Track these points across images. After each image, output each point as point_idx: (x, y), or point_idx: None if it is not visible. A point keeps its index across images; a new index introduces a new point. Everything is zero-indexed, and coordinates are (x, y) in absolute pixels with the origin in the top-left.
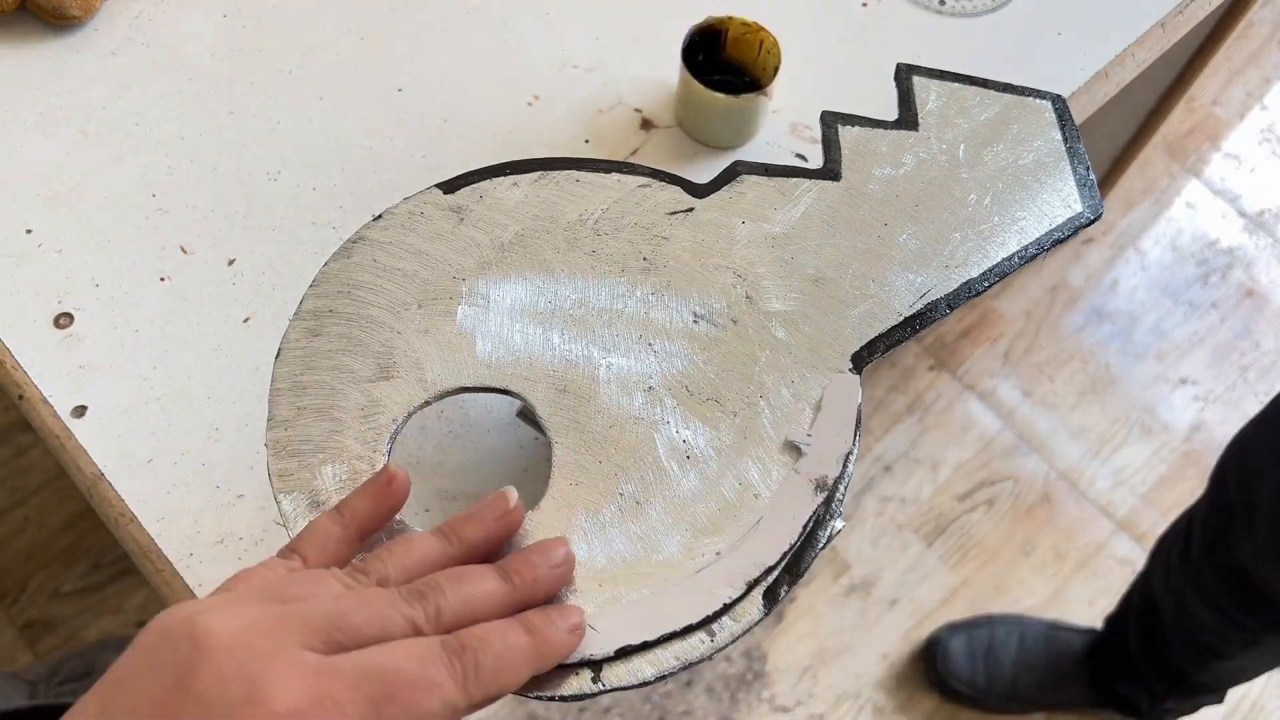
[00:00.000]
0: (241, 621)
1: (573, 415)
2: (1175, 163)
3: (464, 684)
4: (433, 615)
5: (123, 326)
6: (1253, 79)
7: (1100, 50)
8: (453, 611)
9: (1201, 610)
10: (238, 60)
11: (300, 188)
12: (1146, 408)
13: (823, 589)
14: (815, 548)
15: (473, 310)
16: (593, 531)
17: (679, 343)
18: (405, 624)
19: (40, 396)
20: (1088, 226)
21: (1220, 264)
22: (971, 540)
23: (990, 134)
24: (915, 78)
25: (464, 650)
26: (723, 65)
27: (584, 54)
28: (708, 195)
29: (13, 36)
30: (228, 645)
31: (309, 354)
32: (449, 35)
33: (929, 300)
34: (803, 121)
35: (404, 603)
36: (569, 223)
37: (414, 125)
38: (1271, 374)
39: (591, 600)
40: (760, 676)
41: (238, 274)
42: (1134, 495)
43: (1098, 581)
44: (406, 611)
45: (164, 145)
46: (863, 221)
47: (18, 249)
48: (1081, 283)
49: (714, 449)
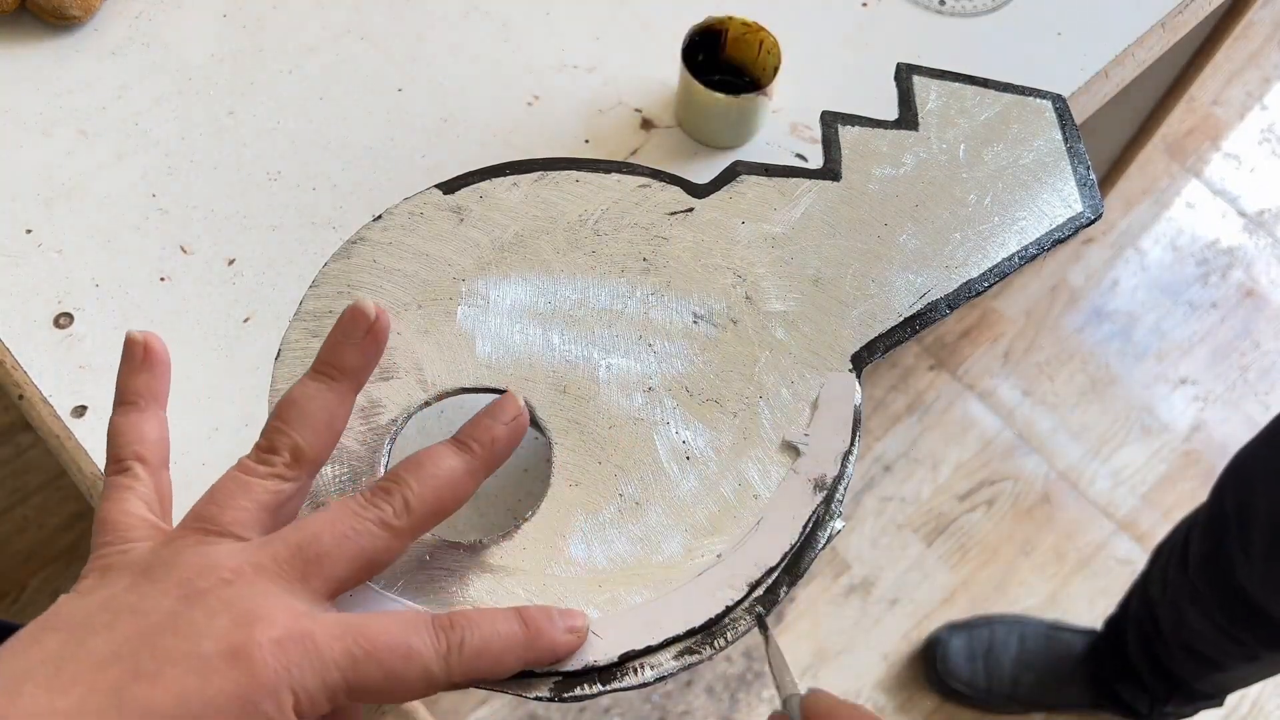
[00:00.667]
0: (226, 564)
1: (573, 416)
2: (1175, 163)
3: (445, 658)
4: (401, 508)
5: (123, 326)
6: (1253, 79)
7: (1100, 50)
8: (419, 496)
9: (1200, 623)
10: (238, 60)
11: (300, 188)
12: (1146, 408)
13: (823, 589)
14: (815, 548)
15: (472, 311)
16: (592, 532)
17: (679, 343)
18: (375, 526)
19: (40, 396)
20: (1088, 226)
21: (1220, 264)
22: (971, 540)
23: (990, 134)
24: (915, 77)
25: (452, 627)
26: (723, 65)
27: (584, 54)
28: (708, 195)
29: (13, 36)
30: (217, 588)
31: (309, 354)
32: (449, 35)
33: (929, 300)
34: (803, 121)
35: (369, 507)
36: (569, 223)
37: (414, 125)
38: (1271, 374)
39: (591, 601)
40: (760, 676)
41: (238, 274)
42: (1134, 495)
43: (1098, 582)
44: (373, 514)
45: (164, 145)
46: (863, 221)
47: (18, 249)
48: (1081, 283)
49: (714, 450)
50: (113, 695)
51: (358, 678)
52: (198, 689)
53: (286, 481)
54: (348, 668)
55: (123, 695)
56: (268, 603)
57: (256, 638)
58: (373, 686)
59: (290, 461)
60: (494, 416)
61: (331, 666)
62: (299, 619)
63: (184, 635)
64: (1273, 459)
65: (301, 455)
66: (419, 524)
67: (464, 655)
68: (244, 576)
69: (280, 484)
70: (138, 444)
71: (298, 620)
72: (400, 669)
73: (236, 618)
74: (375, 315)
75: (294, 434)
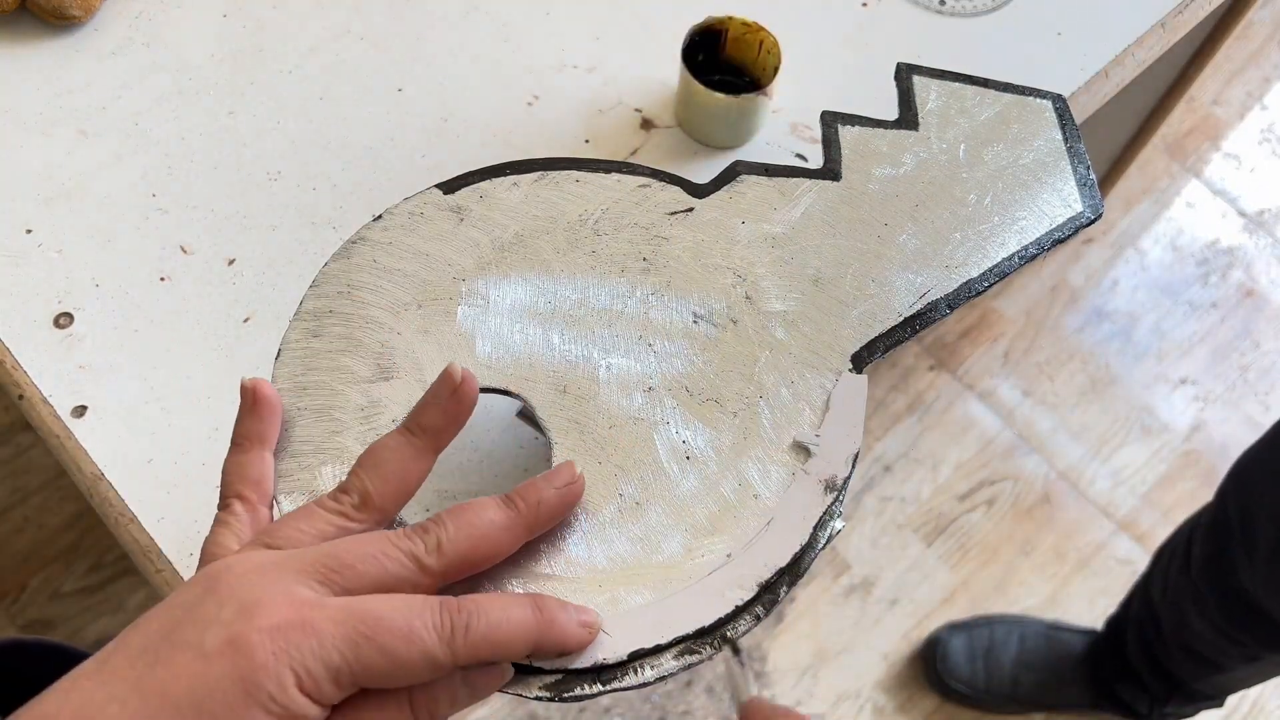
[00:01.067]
0: (250, 564)
1: (573, 415)
2: (1175, 163)
3: (449, 641)
4: (434, 547)
5: (123, 326)
6: (1253, 79)
7: (1100, 50)
8: (453, 541)
9: (1200, 624)
10: (238, 60)
11: (300, 188)
12: (1146, 408)
13: (823, 589)
14: (815, 548)
15: (473, 310)
16: (592, 532)
17: (679, 343)
18: (404, 558)
19: (40, 396)
20: (1088, 226)
21: (1220, 264)
22: (971, 540)
23: (990, 134)
24: (915, 77)
25: (459, 611)
26: (723, 65)
27: (584, 54)
28: (708, 195)
29: (13, 36)
30: (230, 582)
31: (309, 354)
32: (449, 35)
33: (929, 300)
34: (803, 121)
35: (404, 539)
36: (569, 223)
37: (414, 125)
38: (1271, 374)
39: (591, 601)
40: (760, 676)
41: (238, 274)
42: (1134, 495)
43: (1098, 581)
44: (405, 546)
45: (164, 145)
46: (863, 221)
47: (18, 249)
48: (1081, 283)
49: (714, 449)
50: (137, 683)
51: (359, 659)
52: (202, 674)
53: (351, 521)
54: (348, 649)
55: (144, 682)
56: (273, 591)
57: (255, 624)
58: (377, 669)
59: (358, 504)
60: (548, 480)
61: (331, 649)
62: (301, 607)
63: (196, 624)
64: (1275, 462)
65: (369, 500)
66: (449, 568)
67: (470, 638)
68: (260, 571)
69: (344, 521)
70: (239, 484)
71: (299, 608)
72: (402, 651)
73: (240, 607)
74: (461, 379)
75: (366, 480)
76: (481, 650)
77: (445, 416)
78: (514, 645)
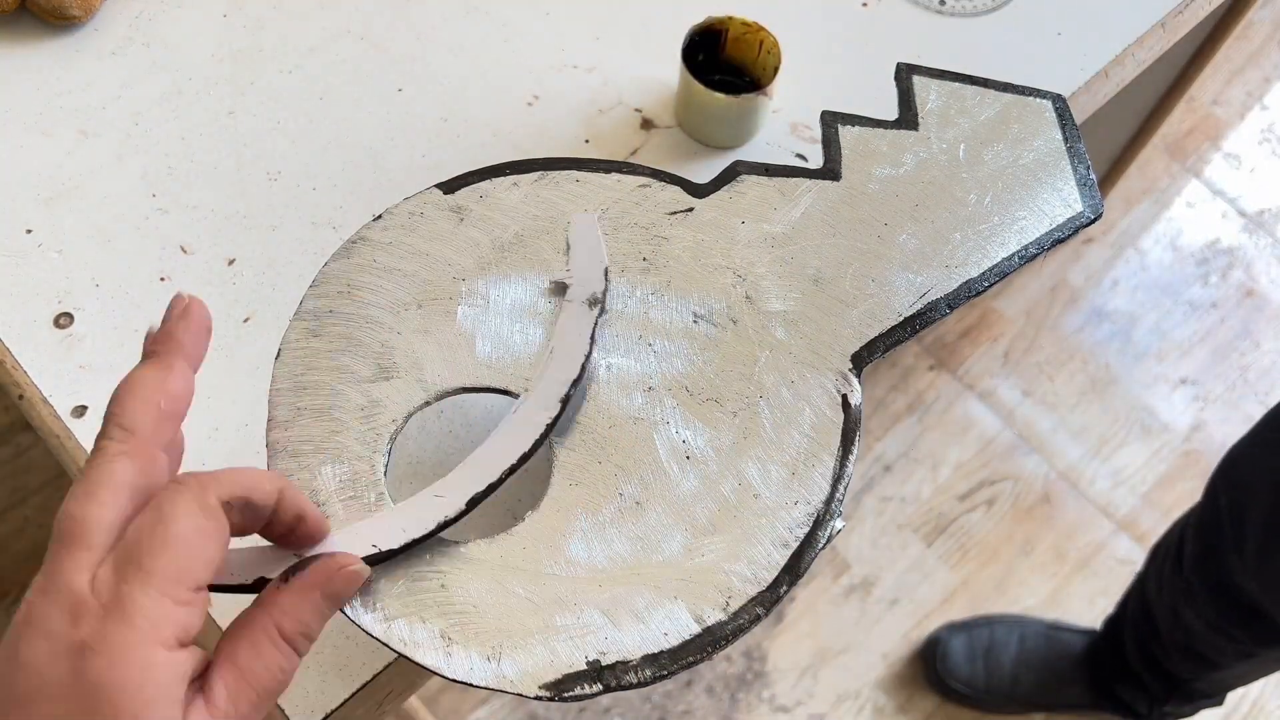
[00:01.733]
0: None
1: (572, 415)
2: (1175, 163)
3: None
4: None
5: (123, 326)
6: (1253, 79)
7: (1100, 50)
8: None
9: (1195, 622)
10: (238, 60)
11: (300, 188)
12: (1146, 408)
13: (823, 589)
14: (815, 548)
15: (472, 310)
16: (592, 531)
17: (679, 343)
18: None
19: (40, 396)
20: (1088, 226)
21: (1220, 264)
22: (971, 540)
23: (990, 134)
24: (915, 77)
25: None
26: (723, 65)
27: (584, 54)
28: (708, 195)
29: (13, 36)
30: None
31: (309, 354)
32: (449, 35)
33: (929, 300)
34: (803, 121)
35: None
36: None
37: (414, 125)
38: (1271, 374)
39: (591, 601)
40: (760, 676)
41: (238, 274)
42: (1134, 495)
43: (1098, 581)
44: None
45: (164, 145)
46: (863, 221)
47: (18, 249)
48: (1081, 283)
49: (713, 449)
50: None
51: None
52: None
53: (129, 459)
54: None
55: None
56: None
57: None
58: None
59: (123, 439)
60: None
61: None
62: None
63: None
64: (1264, 456)
65: (133, 433)
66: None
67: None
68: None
69: (126, 466)
70: (133, 406)
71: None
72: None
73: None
74: (188, 302)
75: (120, 413)
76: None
77: (183, 334)
78: (258, 481)
